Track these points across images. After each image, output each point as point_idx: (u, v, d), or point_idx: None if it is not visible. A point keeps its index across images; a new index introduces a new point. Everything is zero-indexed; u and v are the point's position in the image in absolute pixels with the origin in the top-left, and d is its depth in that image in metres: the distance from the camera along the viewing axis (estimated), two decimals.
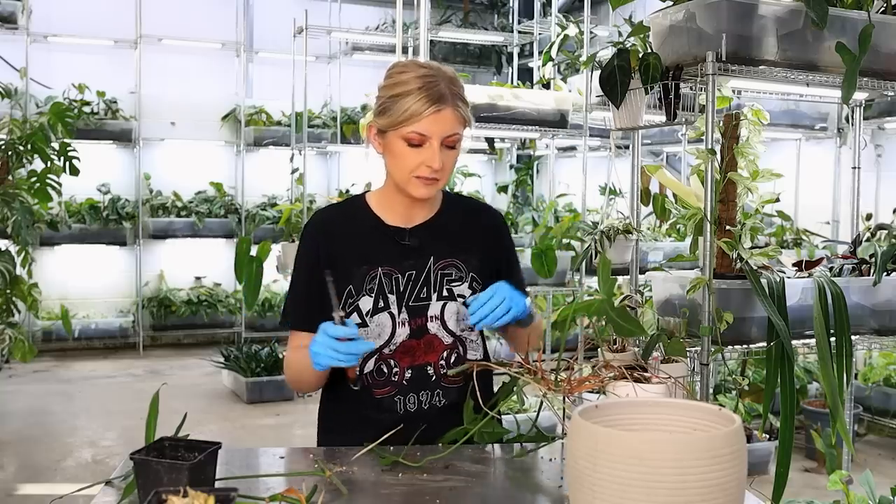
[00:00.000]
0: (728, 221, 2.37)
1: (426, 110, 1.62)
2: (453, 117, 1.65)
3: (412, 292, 1.75)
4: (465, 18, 9.70)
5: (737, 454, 1.08)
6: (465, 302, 1.73)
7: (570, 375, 1.46)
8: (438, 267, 1.77)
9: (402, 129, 1.64)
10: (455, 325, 1.76)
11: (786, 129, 5.45)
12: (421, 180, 1.67)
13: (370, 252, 1.75)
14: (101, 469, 4.67)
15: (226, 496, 1.13)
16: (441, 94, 1.64)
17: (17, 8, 6.77)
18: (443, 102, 1.63)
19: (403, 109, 1.63)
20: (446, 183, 1.74)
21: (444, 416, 1.71)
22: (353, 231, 1.78)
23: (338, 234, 1.78)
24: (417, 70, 1.67)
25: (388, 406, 1.73)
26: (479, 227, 1.84)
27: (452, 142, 1.67)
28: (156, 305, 8.64)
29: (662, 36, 2.50)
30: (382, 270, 1.74)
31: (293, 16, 7.10)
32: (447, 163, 1.68)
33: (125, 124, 8.47)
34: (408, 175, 1.67)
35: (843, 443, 2.91)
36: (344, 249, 1.76)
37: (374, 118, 1.71)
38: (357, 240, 1.77)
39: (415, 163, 1.66)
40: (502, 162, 8.78)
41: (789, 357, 2.31)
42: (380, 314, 1.73)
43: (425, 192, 1.69)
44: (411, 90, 1.63)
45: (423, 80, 1.64)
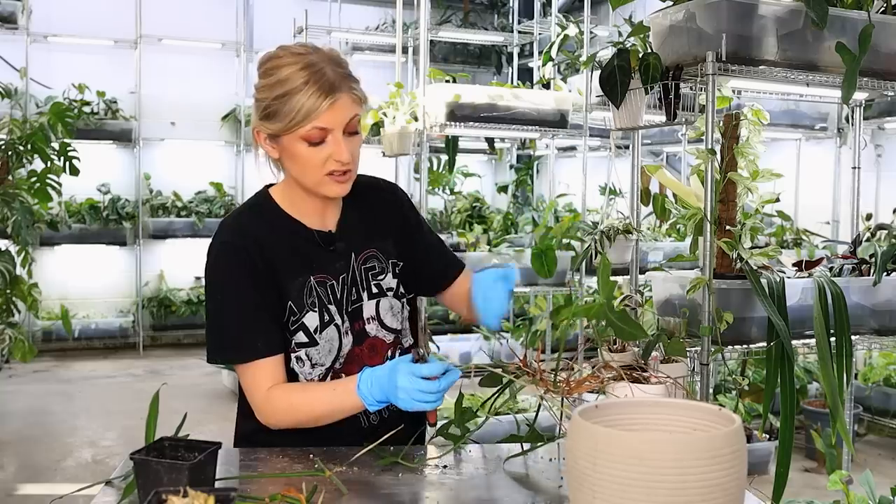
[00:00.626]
0: (728, 221, 2.37)
1: (322, 104, 1.48)
2: (350, 101, 1.51)
3: (348, 296, 1.63)
4: (465, 18, 9.70)
5: (737, 454, 1.08)
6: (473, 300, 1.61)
7: (570, 376, 1.46)
8: (360, 262, 1.65)
9: (299, 130, 1.50)
10: (392, 320, 1.66)
11: (786, 129, 5.45)
12: (333, 178, 1.54)
13: (301, 259, 1.60)
14: (101, 469, 4.67)
15: (226, 496, 1.13)
16: (332, 82, 1.49)
17: (17, 8, 6.78)
18: (336, 91, 1.49)
19: (297, 109, 1.48)
20: (356, 172, 1.61)
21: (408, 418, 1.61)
22: (278, 238, 1.60)
23: (266, 244, 1.59)
24: (296, 60, 1.50)
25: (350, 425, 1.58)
26: (383, 206, 1.72)
27: (353, 126, 1.54)
28: (156, 305, 8.65)
29: (662, 36, 2.50)
30: (316, 279, 1.60)
31: (293, 16, 7.10)
32: (354, 151, 1.55)
33: (125, 124, 8.47)
34: (318, 177, 1.54)
35: (843, 443, 2.91)
36: (277, 259, 1.58)
37: (261, 123, 1.55)
38: (285, 247, 1.60)
39: (321, 161, 1.52)
40: (502, 162, 8.78)
41: (789, 357, 2.31)
42: (327, 329, 1.60)
43: (341, 189, 1.57)
44: (298, 86, 1.48)
45: (308, 71, 1.48)
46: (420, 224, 1.77)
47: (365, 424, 1.63)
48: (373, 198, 1.72)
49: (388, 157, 5.22)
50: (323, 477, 1.38)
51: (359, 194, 1.67)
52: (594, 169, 5.23)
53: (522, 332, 6.46)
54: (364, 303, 1.65)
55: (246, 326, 1.55)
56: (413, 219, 1.76)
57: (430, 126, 4.50)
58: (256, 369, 1.56)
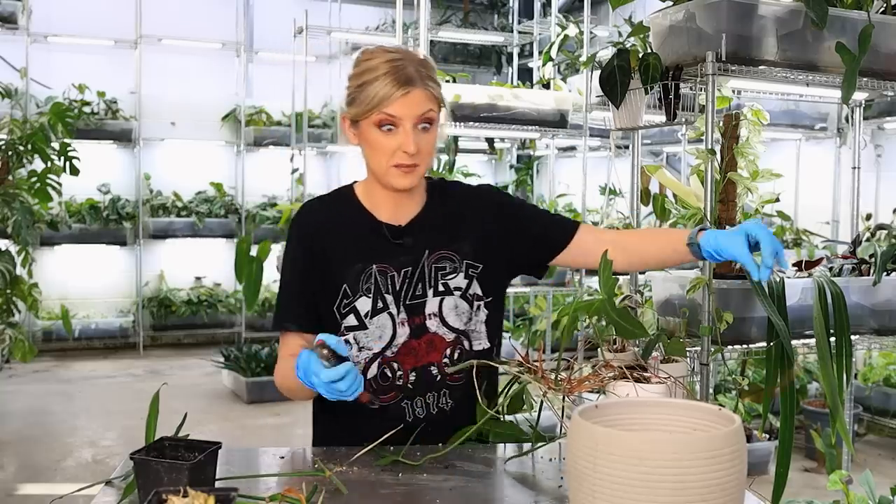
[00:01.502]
0: (728, 221, 2.37)
1: (395, 93, 1.58)
2: (424, 96, 1.60)
3: (409, 290, 1.69)
4: (465, 18, 9.70)
5: (737, 454, 1.08)
6: (741, 267, 1.66)
7: (571, 375, 1.46)
8: (432, 260, 1.70)
9: (372, 115, 1.60)
10: (455, 319, 1.70)
11: (786, 129, 5.44)
12: (400, 169, 1.62)
13: (363, 249, 1.69)
14: (101, 469, 4.67)
15: (226, 496, 1.13)
16: (409, 75, 1.59)
17: (17, 8, 6.77)
18: (411, 84, 1.59)
19: (372, 95, 1.59)
20: (427, 169, 1.67)
21: (451, 419, 1.67)
22: (345, 226, 1.72)
23: (329, 230, 1.72)
24: (384, 55, 1.62)
25: (394, 414, 1.67)
26: (472, 212, 1.76)
27: (427, 119, 1.61)
28: (156, 305, 8.65)
29: (662, 36, 2.50)
30: (377, 268, 1.68)
31: (293, 16, 7.10)
32: (424, 146, 1.62)
33: (125, 124, 8.48)
34: (385, 165, 1.62)
35: (842, 443, 2.91)
36: (336, 246, 1.70)
37: (346, 109, 1.67)
38: (349, 236, 1.71)
39: (390, 149, 1.60)
40: (502, 162, 8.78)
41: (789, 357, 2.31)
42: (379, 315, 1.67)
43: (406, 181, 1.63)
44: (378, 75, 1.59)
45: (390, 64, 1.60)
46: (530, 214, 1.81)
47: (410, 418, 1.68)
48: (459, 201, 1.77)
49: None
50: (323, 477, 1.38)
51: (447, 199, 1.76)
52: (594, 169, 5.23)
53: (522, 332, 6.47)
54: (428, 299, 1.69)
55: (285, 301, 1.74)
56: (508, 205, 1.79)
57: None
58: (283, 340, 1.73)
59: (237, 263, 6.14)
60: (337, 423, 1.73)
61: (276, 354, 7.00)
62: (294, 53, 7.17)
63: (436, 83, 1.64)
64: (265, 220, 8.85)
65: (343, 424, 1.71)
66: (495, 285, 1.76)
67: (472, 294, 1.72)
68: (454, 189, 1.81)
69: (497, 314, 1.77)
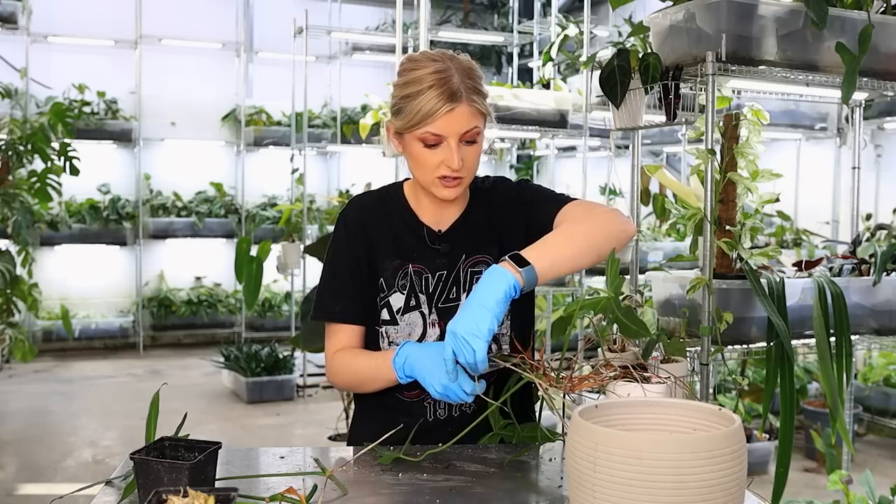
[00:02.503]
0: (728, 221, 2.37)
1: (439, 110, 1.55)
2: (468, 113, 1.58)
3: (442, 292, 1.70)
4: (465, 18, 9.70)
5: (737, 454, 1.08)
6: None
7: (572, 373, 1.46)
8: (469, 265, 1.71)
9: (416, 131, 1.58)
10: None
11: (786, 129, 5.44)
12: (444, 181, 1.61)
13: (403, 247, 1.70)
14: (101, 469, 4.67)
15: (226, 496, 1.13)
16: (454, 90, 1.56)
17: (17, 8, 6.78)
18: (455, 100, 1.56)
19: (416, 111, 1.57)
20: (471, 179, 1.68)
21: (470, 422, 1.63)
22: (389, 223, 1.73)
23: (375, 223, 1.72)
24: (429, 65, 1.59)
25: (416, 411, 1.68)
26: (499, 210, 1.74)
27: (471, 136, 1.60)
28: (156, 305, 8.65)
29: (662, 36, 2.50)
30: (413, 268, 1.69)
31: (293, 16, 7.10)
32: (468, 160, 1.61)
33: (125, 124, 8.48)
34: (430, 177, 1.61)
35: (842, 443, 2.91)
36: (378, 241, 1.71)
37: (391, 119, 1.65)
38: (391, 233, 1.72)
39: (434, 164, 1.60)
40: (502, 162, 8.79)
41: (789, 357, 2.31)
42: (411, 313, 1.69)
43: (450, 193, 1.63)
44: (423, 89, 1.56)
45: (436, 76, 1.57)
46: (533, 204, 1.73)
47: (431, 418, 1.69)
48: (501, 203, 1.75)
49: (388, 157, 5.22)
50: (323, 477, 1.38)
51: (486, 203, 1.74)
52: (594, 169, 5.23)
53: None
54: (461, 302, 1.69)
55: (332, 292, 1.71)
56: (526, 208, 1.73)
57: None
58: (331, 331, 1.71)
59: (237, 263, 6.14)
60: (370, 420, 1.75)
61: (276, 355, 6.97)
62: (294, 53, 7.17)
63: (481, 95, 1.62)
64: (265, 220, 8.85)
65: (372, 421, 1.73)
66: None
67: None
68: (499, 189, 1.77)
69: (527, 316, 1.77)
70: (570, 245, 1.52)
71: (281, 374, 6.35)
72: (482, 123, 1.63)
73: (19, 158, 5.02)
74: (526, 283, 1.45)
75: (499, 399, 1.59)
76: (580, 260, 1.54)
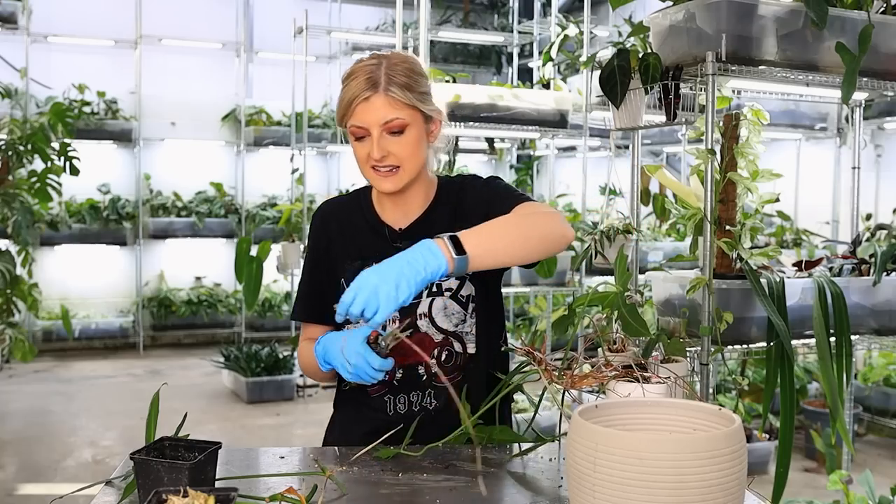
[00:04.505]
0: (728, 221, 2.37)
1: (355, 99, 1.59)
2: (386, 104, 1.59)
3: None
4: (465, 18, 9.70)
5: (737, 454, 1.08)
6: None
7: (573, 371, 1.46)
8: None
9: (346, 125, 1.64)
10: (444, 320, 1.71)
11: (786, 129, 5.44)
12: (376, 173, 1.64)
13: (364, 247, 1.73)
14: (101, 469, 4.67)
15: (226, 496, 1.13)
16: (373, 81, 1.59)
17: (17, 8, 6.77)
18: (372, 90, 1.58)
19: (340, 101, 1.63)
20: (414, 172, 1.65)
21: (434, 420, 1.68)
22: (352, 225, 1.77)
23: (336, 228, 1.78)
24: (366, 60, 1.64)
25: (378, 405, 1.72)
26: (463, 206, 1.73)
27: (395, 127, 1.60)
28: (156, 305, 8.65)
29: (662, 36, 2.50)
30: None
31: (293, 16, 7.10)
32: (397, 150, 1.61)
33: (125, 124, 8.48)
34: (365, 171, 1.66)
35: (842, 443, 2.91)
36: (340, 243, 1.76)
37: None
38: (353, 234, 1.76)
39: (363, 156, 1.63)
40: (502, 162, 8.79)
41: (789, 357, 2.31)
42: None
43: (386, 184, 1.64)
44: (349, 82, 1.62)
45: (362, 69, 1.61)
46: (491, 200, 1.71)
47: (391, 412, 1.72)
48: (458, 202, 1.75)
49: None
50: (323, 477, 1.38)
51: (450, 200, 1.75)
52: (594, 169, 5.23)
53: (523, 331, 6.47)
54: (422, 300, 1.71)
55: (301, 291, 1.82)
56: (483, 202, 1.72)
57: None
58: (303, 327, 1.83)
59: (237, 263, 6.13)
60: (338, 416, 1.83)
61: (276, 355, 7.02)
62: (294, 53, 7.17)
63: (405, 87, 1.61)
64: (265, 220, 8.85)
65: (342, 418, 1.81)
66: (489, 283, 1.74)
67: (465, 295, 1.71)
68: (466, 187, 1.77)
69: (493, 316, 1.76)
70: (503, 238, 1.51)
71: (281, 374, 6.35)
72: (409, 117, 1.61)
73: (19, 158, 5.02)
74: (454, 271, 1.44)
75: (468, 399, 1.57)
76: (511, 254, 1.52)
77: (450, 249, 1.43)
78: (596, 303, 1.50)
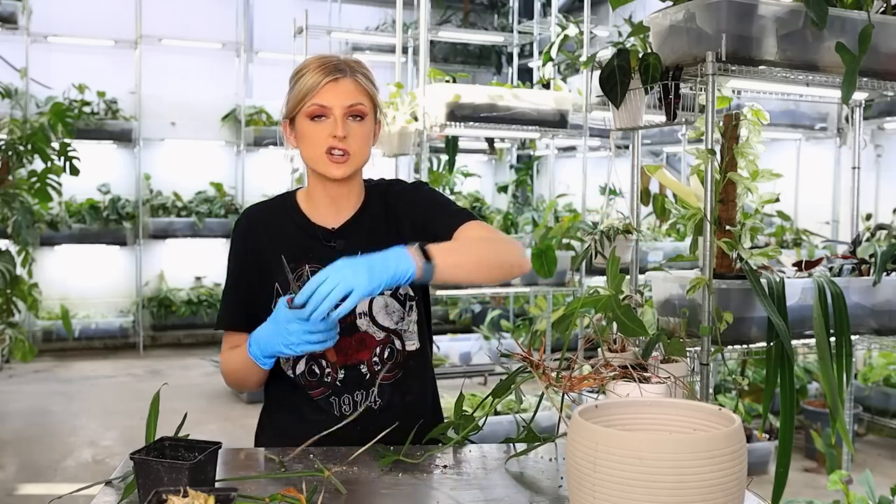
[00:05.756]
0: (728, 221, 2.37)
1: (322, 81, 1.64)
2: (353, 87, 1.66)
3: None
4: (465, 18, 9.70)
5: (737, 454, 1.08)
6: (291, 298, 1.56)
7: (571, 373, 1.46)
8: None
9: (304, 108, 1.65)
10: (385, 318, 1.72)
11: (786, 129, 5.44)
12: (331, 157, 1.65)
13: (296, 249, 1.73)
14: (101, 469, 4.67)
15: (226, 496, 1.13)
16: (337, 67, 1.66)
17: (17, 8, 6.77)
18: (340, 73, 1.65)
19: (301, 88, 1.65)
20: (362, 162, 1.70)
21: (379, 418, 1.67)
22: (279, 228, 1.76)
23: (264, 231, 1.76)
24: (317, 57, 1.71)
25: (324, 406, 1.71)
26: (395, 209, 1.76)
27: (357, 112, 1.66)
28: (156, 305, 8.65)
29: (662, 36, 2.50)
30: (310, 267, 1.70)
31: (293, 16, 7.10)
32: (355, 135, 1.66)
33: (125, 124, 8.48)
34: (318, 153, 1.66)
35: (842, 443, 2.91)
36: (269, 246, 1.74)
37: (283, 113, 1.74)
38: (283, 237, 1.75)
39: (321, 137, 1.65)
40: (502, 162, 8.79)
41: (789, 357, 2.31)
42: None
43: (338, 170, 1.66)
44: (308, 70, 1.66)
45: (320, 59, 1.68)
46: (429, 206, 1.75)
47: (337, 413, 1.70)
48: (389, 204, 1.78)
49: (388, 158, 5.22)
50: (322, 477, 1.38)
51: (380, 202, 1.77)
52: (594, 169, 5.23)
53: (523, 331, 6.47)
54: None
55: (223, 303, 1.80)
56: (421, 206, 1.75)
57: (430, 126, 4.51)
58: (226, 336, 1.79)
59: None
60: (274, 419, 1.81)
61: None
62: (294, 53, 7.16)
63: (368, 80, 1.69)
64: None
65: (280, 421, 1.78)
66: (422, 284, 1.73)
67: (404, 294, 1.73)
68: (394, 188, 1.81)
69: (427, 313, 1.80)
70: (471, 260, 1.57)
71: None
72: (369, 106, 1.68)
73: (19, 158, 5.02)
74: (421, 278, 1.48)
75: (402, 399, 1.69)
76: (474, 276, 1.60)
77: (420, 258, 1.47)
78: (590, 306, 1.50)
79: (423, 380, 1.79)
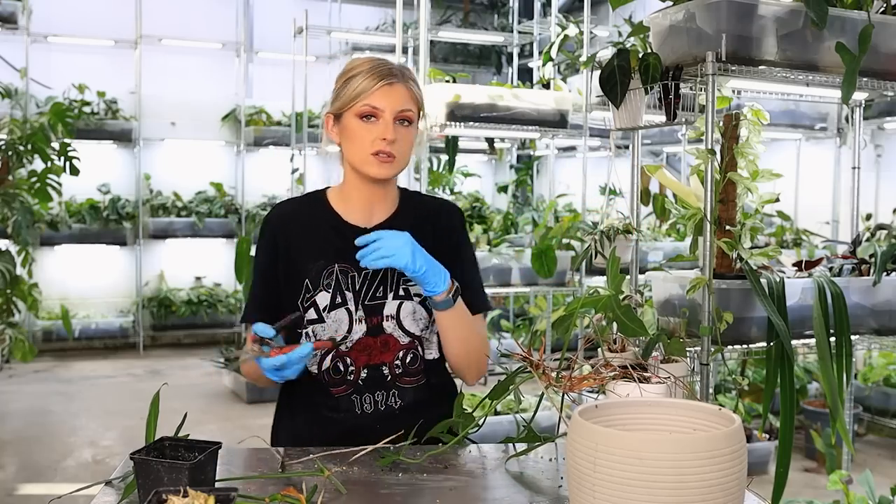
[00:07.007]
0: (728, 221, 2.37)
1: (377, 84, 1.67)
2: (405, 92, 1.70)
3: (368, 290, 1.74)
4: (465, 18, 9.70)
5: (737, 454, 1.08)
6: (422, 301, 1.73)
7: (571, 373, 1.46)
8: None
9: (354, 107, 1.68)
10: (412, 324, 1.74)
11: (786, 129, 5.44)
12: (378, 158, 1.68)
13: (327, 248, 1.75)
14: (101, 469, 4.67)
15: (226, 496, 1.13)
16: (392, 72, 1.70)
17: (17, 8, 6.77)
18: (393, 77, 1.69)
19: (354, 87, 1.68)
20: (404, 166, 1.74)
21: (400, 418, 1.71)
22: (311, 226, 1.78)
23: (295, 228, 1.78)
24: (370, 59, 1.74)
25: (345, 406, 1.74)
26: (436, 228, 1.80)
27: (406, 117, 1.70)
28: (156, 305, 8.65)
29: (662, 36, 2.50)
30: (339, 267, 1.73)
31: (293, 16, 7.10)
32: (402, 140, 1.70)
33: (125, 124, 8.48)
34: (365, 154, 1.68)
35: (842, 443, 2.91)
36: (301, 243, 1.76)
37: (330, 108, 1.76)
38: (314, 235, 1.77)
39: (370, 138, 1.67)
40: (502, 162, 8.78)
41: (789, 357, 2.31)
42: (337, 310, 1.73)
43: (382, 171, 1.70)
44: (362, 71, 1.70)
45: (374, 62, 1.71)
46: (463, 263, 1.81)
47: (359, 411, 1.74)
48: (430, 219, 1.82)
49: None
50: (323, 477, 1.38)
51: (416, 211, 1.81)
52: (594, 169, 5.23)
53: (523, 331, 6.47)
54: (387, 301, 1.74)
55: (251, 296, 1.83)
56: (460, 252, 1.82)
57: (430, 126, 4.50)
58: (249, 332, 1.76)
59: (237, 263, 6.14)
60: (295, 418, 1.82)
61: None
62: (294, 53, 7.17)
63: (417, 87, 1.74)
64: None
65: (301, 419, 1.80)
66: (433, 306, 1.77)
67: None
68: (425, 200, 1.89)
69: None
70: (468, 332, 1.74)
71: None
72: (416, 112, 1.73)
73: (19, 158, 5.02)
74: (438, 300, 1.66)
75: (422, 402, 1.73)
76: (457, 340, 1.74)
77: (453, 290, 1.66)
78: (590, 307, 1.50)
79: (443, 385, 1.82)
